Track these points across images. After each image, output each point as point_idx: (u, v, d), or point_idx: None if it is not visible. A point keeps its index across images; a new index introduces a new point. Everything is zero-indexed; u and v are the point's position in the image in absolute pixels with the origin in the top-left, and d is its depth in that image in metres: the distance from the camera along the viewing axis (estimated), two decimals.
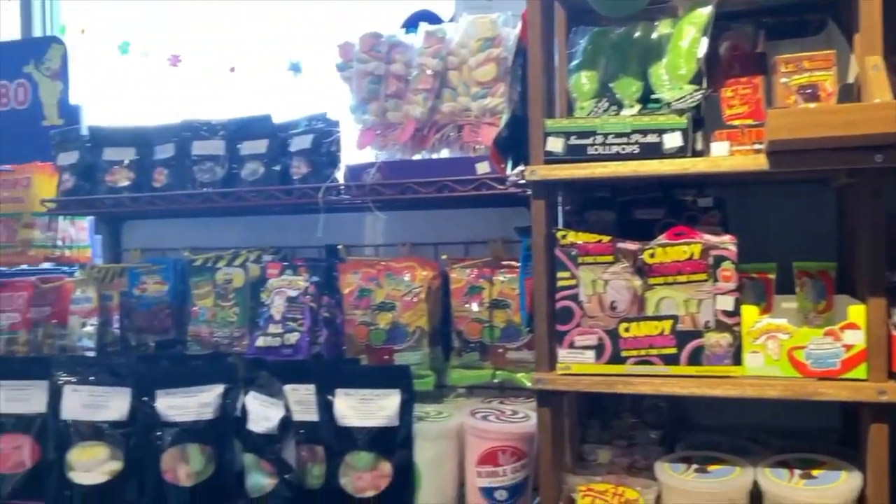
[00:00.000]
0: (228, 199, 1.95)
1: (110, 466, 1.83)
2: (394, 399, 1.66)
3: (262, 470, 1.69)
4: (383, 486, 1.65)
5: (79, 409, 1.84)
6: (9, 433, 1.90)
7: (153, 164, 2.07)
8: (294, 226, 2.15)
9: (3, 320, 2.20)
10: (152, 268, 2.12)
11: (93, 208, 2.14)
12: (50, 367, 1.90)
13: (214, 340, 1.99)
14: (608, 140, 1.38)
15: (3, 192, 2.24)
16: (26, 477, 1.89)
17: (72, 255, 2.36)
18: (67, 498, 1.81)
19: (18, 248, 2.22)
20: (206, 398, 1.81)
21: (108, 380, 1.86)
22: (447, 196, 1.77)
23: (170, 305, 2.09)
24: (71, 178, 2.14)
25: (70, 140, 2.16)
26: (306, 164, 1.90)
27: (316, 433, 1.71)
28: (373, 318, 1.84)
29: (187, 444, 1.78)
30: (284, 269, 1.94)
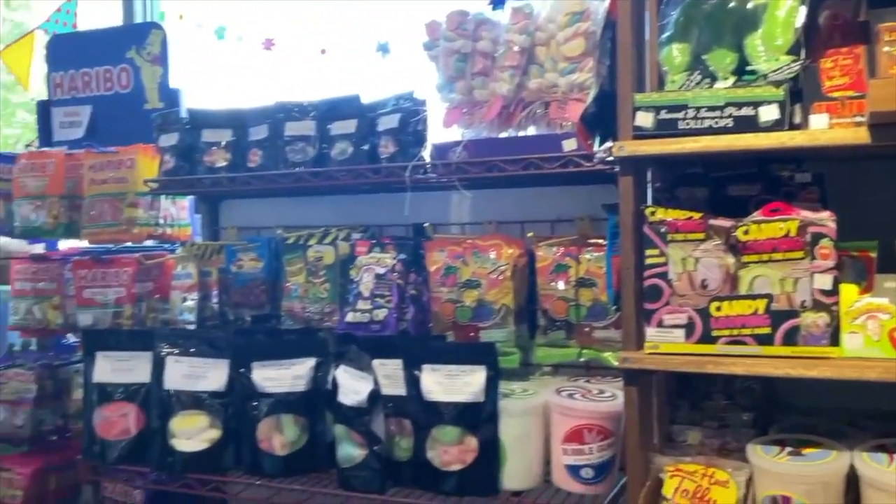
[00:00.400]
0: (319, 178, 1.99)
1: (209, 434, 1.92)
2: (479, 375, 1.68)
3: (353, 441, 1.74)
4: (469, 461, 1.67)
5: (180, 379, 1.94)
6: (115, 402, 2.01)
7: (248, 144, 2.13)
8: (382, 204, 2.18)
9: (110, 295, 2.32)
10: (248, 245, 2.19)
11: (192, 188, 2.23)
12: (153, 339, 2.00)
13: (306, 315, 2.05)
14: (700, 114, 1.35)
15: (108, 172, 2.35)
16: (132, 443, 1.99)
17: (173, 232, 2.46)
18: (170, 464, 1.91)
19: (123, 227, 2.32)
20: (299, 371, 1.87)
21: (208, 352, 1.95)
22: (533, 174, 1.76)
23: (264, 281, 2.15)
24: (171, 159, 2.22)
25: (170, 122, 2.25)
26: (394, 143, 1.93)
27: (403, 407, 1.74)
28: (459, 295, 1.86)
29: (281, 415, 1.85)
30: (373, 246, 1.98)
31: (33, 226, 2.45)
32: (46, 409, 2.49)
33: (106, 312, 2.32)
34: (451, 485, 1.67)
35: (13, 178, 2.48)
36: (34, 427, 2.46)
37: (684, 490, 1.38)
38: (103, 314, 2.32)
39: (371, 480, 1.72)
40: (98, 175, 2.37)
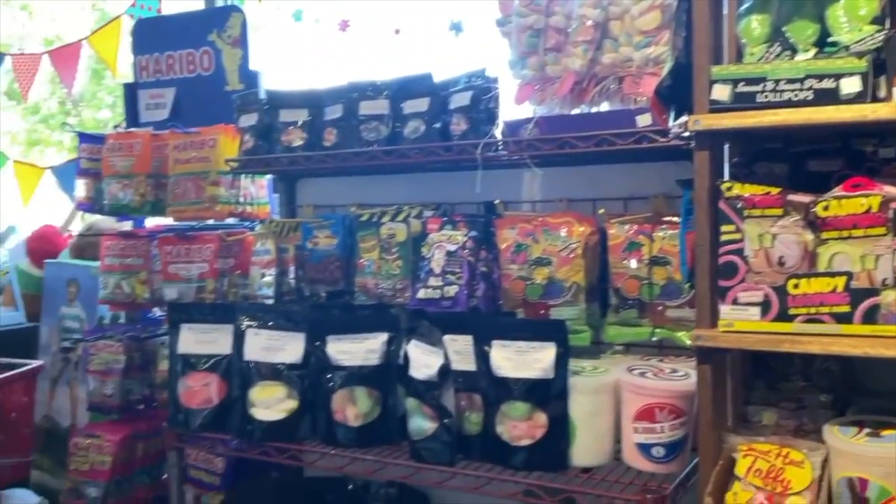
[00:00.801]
0: (391, 156, 2.02)
1: (287, 405, 1.98)
2: (549, 352, 1.68)
3: (424, 414, 1.77)
4: (539, 436, 1.68)
5: (259, 351, 2.00)
6: (199, 372, 2.09)
7: (323, 124, 2.17)
8: (453, 182, 2.19)
9: (194, 270, 2.41)
10: (323, 223, 2.24)
11: (270, 167, 2.29)
12: (234, 312, 2.07)
13: (379, 291, 2.08)
14: (779, 86, 1.32)
15: (191, 152, 2.43)
16: (214, 412, 2.07)
17: (253, 210, 2.54)
18: (249, 432, 1.98)
19: (206, 204, 2.40)
20: (371, 345, 1.91)
21: (285, 325, 2.01)
22: (606, 150, 1.75)
23: (339, 258, 2.20)
24: (251, 139, 2.29)
25: (250, 103, 2.31)
26: (465, 120, 1.93)
27: (473, 382, 1.76)
28: (529, 272, 1.86)
29: (355, 387, 1.90)
30: (444, 224, 2.00)
31: (121, 203, 2.56)
32: (134, 379, 2.61)
33: (190, 287, 2.41)
34: (521, 459, 1.69)
35: (102, 158, 2.59)
36: (123, 396, 2.58)
37: (757, 470, 1.36)
38: (187, 288, 2.41)
39: (441, 453, 1.75)
40: (182, 155, 2.46)
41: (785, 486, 1.33)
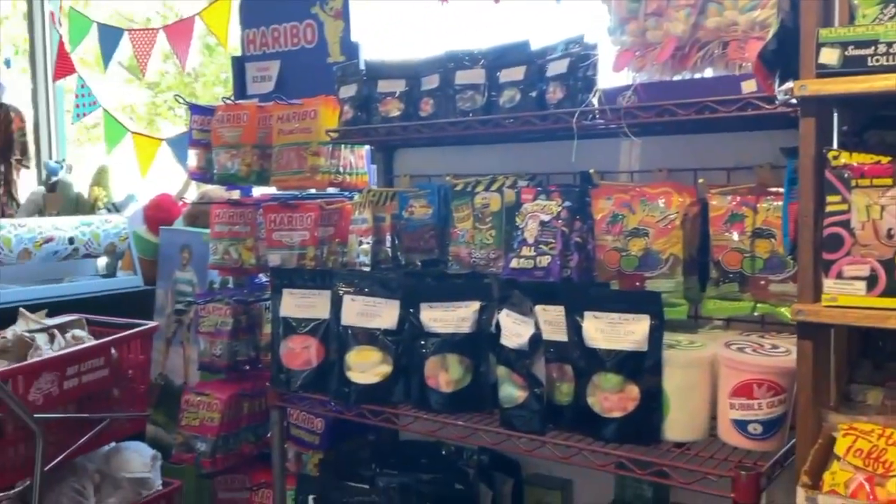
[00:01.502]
0: (487, 125, 2.02)
1: (381, 369, 2.02)
2: (643, 324, 1.66)
3: (514, 382, 1.78)
4: (630, 409, 1.66)
5: (355, 316, 2.06)
6: (299, 335, 2.16)
7: (420, 94, 2.19)
8: (548, 152, 2.18)
9: (296, 237, 2.49)
10: (419, 192, 2.27)
11: (368, 137, 2.33)
12: (332, 278, 2.13)
13: (472, 261, 2.10)
14: (892, 49, 1.24)
15: (294, 123, 2.51)
16: (313, 373, 2.14)
17: (352, 180, 2.59)
18: (346, 394, 2.04)
19: (307, 174, 2.48)
20: (464, 313, 1.93)
21: (381, 292, 2.05)
22: (708, 118, 1.69)
23: (433, 227, 2.23)
24: (350, 110, 2.33)
25: (350, 74, 2.36)
26: (562, 88, 1.91)
27: (564, 352, 1.76)
28: (625, 243, 1.83)
29: (447, 354, 1.92)
30: (538, 194, 1.99)
31: (229, 173, 2.66)
32: (241, 341, 2.73)
33: (292, 253, 2.49)
34: (612, 431, 1.67)
35: (212, 129, 2.70)
36: (230, 357, 2.70)
37: (858, 450, 1.31)
38: (289, 255, 2.49)
39: (531, 421, 1.75)
40: (285, 126, 2.54)
41: (887, 467, 1.27)
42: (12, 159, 5.24)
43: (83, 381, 2.61)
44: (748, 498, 1.49)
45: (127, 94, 7.28)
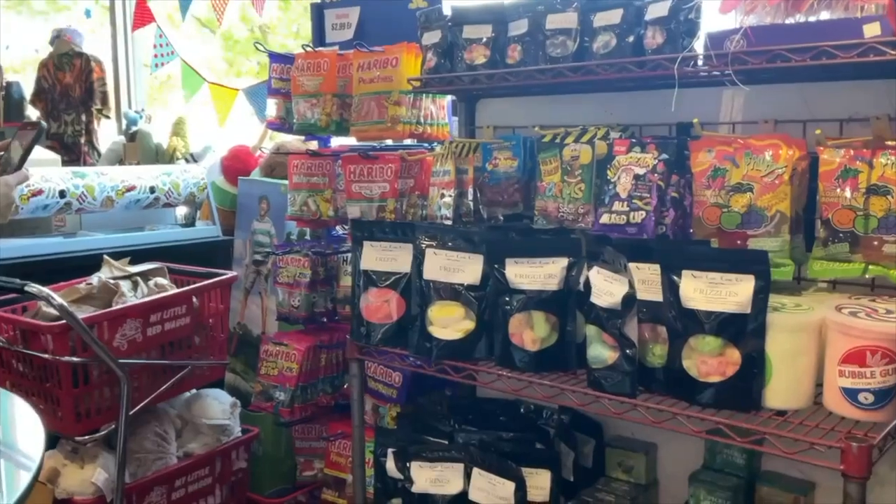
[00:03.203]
0: (579, 73, 1.92)
1: (464, 325, 1.98)
2: (747, 285, 1.56)
3: (604, 342, 1.71)
4: (730, 374, 1.58)
5: (438, 270, 2.01)
6: (380, 288, 2.13)
7: (507, 40, 2.10)
8: (644, 102, 2.07)
9: (375, 189, 2.44)
10: (504, 144, 2.19)
11: (451, 85, 2.25)
12: (414, 231, 2.08)
13: (560, 215, 2.02)
14: None
15: (375, 71, 2.44)
16: (393, 327, 2.11)
17: (432, 131, 2.53)
18: (427, 349, 2.00)
19: (388, 124, 2.42)
20: (551, 269, 1.86)
21: (464, 246, 1.99)
22: (824, 64, 1.56)
23: (518, 180, 2.15)
24: (433, 58, 2.25)
25: (433, 20, 2.27)
26: (661, 33, 1.79)
27: (659, 313, 1.68)
28: (726, 199, 1.73)
29: (532, 311, 1.86)
30: (632, 146, 1.89)
31: (308, 123, 2.63)
32: (318, 292, 2.72)
33: (371, 206, 2.45)
34: (709, 396, 1.59)
35: (292, 77, 2.66)
36: (308, 308, 2.70)
37: None
38: (369, 207, 2.45)
39: (621, 383, 1.68)
40: (366, 74, 2.48)
41: None
42: (93, 108, 5.35)
43: (165, 328, 2.65)
44: (859, 471, 1.40)
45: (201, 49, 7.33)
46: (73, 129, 5.40)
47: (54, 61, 5.50)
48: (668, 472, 2.22)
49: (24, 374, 2.53)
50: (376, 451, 2.28)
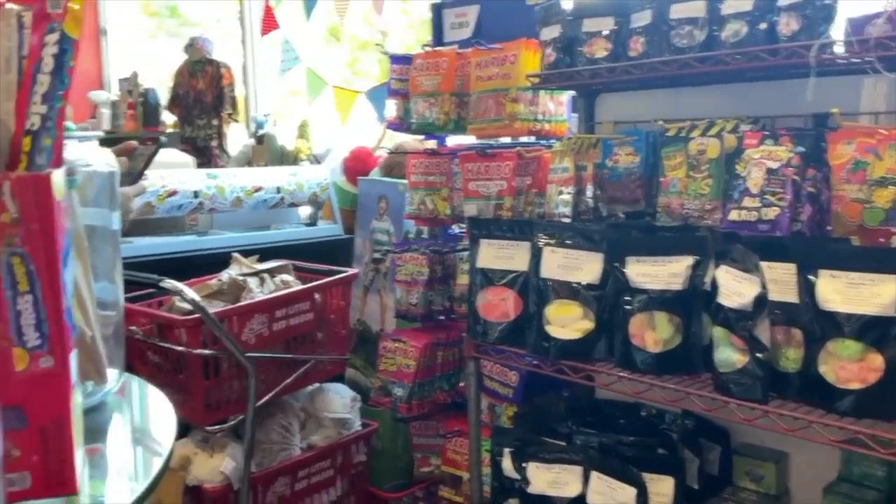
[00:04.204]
0: (706, 63, 1.84)
1: (583, 325, 1.94)
2: (891, 286, 1.45)
3: (733, 345, 1.63)
4: (871, 380, 1.47)
5: (556, 269, 1.98)
6: (497, 286, 2.12)
7: (630, 32, 2.04)
8: (776, 92, 1.96)
9: (492, 187, 2.43)
10: (625, 139, 2.13)
11: (571, 80, 2.21)
12: (532, 229, 2.06)
13: (685, 212, 1.94)
14: None
15: (493, 68, 2.43)
16: (510, 326, 2.09)
17: (551, 128, 2.49)
18: (545, 349, 1.98)
19: (506, 121, 2.40)
20: (674, 269, 1.80)
21: (583, 244, 1.95)
22: None
23: (640, 176, 2.08)
24: (552, 53, 2.22)
25: (552, 14, 2.24)
26: (797, 19, 1.69)
27: (793, 315, 1.58)
28: (868, 194, 1.61)
29: (655, 312, 1.80)
30: (764, 138, 1.79)
31: (427, 122, 2.65)
32: (436, 290, 2.74)
33: (488, 204, 2.44)
34: (848, 404, 1.49)
35: (410, 77, 2.69)
36: (425, 306, 2.72)
37: None
38: (486, 205, 2.44)
39: (752, 389, 1.60)
40: (483, 72, 2.47)
41: None
42: (223, 113, 5.61)
43: (290, 323, 2.73)
44: None
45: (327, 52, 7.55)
46: (205, 133, 5.68)
47: (188, 68, 5.80)
48: (801, 482, 2.10)
49: (159, 365, 2.67)
50: (493, 451, 2.27)
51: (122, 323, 0.94)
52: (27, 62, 0.61)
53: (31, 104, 0.61)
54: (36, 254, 0.58)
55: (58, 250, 0.60)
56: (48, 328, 0.60)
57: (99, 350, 0.86)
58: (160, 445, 0.79)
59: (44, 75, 0.61)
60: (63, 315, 0.61)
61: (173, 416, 0.85)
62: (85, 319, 0.85)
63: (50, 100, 0.61)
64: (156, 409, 0.90)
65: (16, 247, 0.58)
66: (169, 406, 0.88)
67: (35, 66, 0.61)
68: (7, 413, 0.59)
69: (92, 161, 0.88)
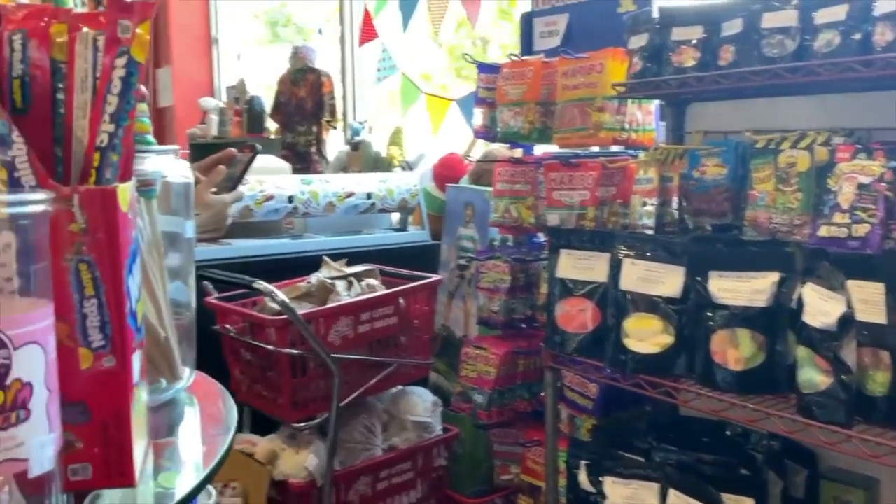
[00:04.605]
0: (797, 74, 1.78)
1: (662, 339, 1.91)
2: None
3: (817, 366, 1.57)
4: None
5: (635, 281, 1.95)
6: (575, 297, 2.11)
7: (720, 41, 1.99)
8: (871, 104, 1.88)
9: (575, 197, 2.42)
10: (712, 150, 2.08)
11: (658, 90, 2.17)
12: (612, 240, 2.04)
13: (772, 226, 1.88)
14: None
15: (579, 77, 2.42)
16: (588, 337, 2.08)
17: (637, 137, 2.46)
18: (622, 362, 1.95)
19: (590, 131, 2.38)
20: (759, 285, 1.75)
21: (664, 257, 1.92)
22: None
23: (727, 189, 2.02)
24: (639, 62, 2.19)
25: (640, 23, 2.21)
26: (892, 29, 1.61)
27: (882, 337, 1.51)
28: None
29: (738, 329, 1.76)
30: (857, 152, 1.71)
31: (512, 131, 2.66)
32: (518, 299, 2.74)
33: (571, 213, 2.42)
34: None
35: (497, 87, 2.70)
36: (507, 314, 2.73)
37: None
38: (568, 215, 2.42)
39: (835, 412, 1.54)
40: (570, 81, 2.46)
41: None
42: (322, 120, 5.78)
43: (375, 326, 2.79)
44: None
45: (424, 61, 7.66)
46: (305, 140, 5.87)
47: (291, 77, 6.01)
48: None
49: (251, 362, 2.78)
50: (569, 462, 2.25)
51: (194, 323, 0.99)
52: (100, 83, 0.67)
53: (101, 122, 0.66)
54: (101, 261, 0.63)
55: (122, 258, 0.65)
56: (111, 330, 0.65)
57: (172, 349, 0.92)
58: (222, 437, 0.83)
59: (112, 96, 0.66)
60: (126, 319, 0.65)
61: (234, 410, 0.90)
62: (159, 320, 0.90)
63: (117, 119, 0.66)
64: (221, 403, 0.95)
65: (83, 254, 0.63)
66: (231, 401, 0.93)
67: (106, 86, 0.66)
68: (72, 408, 0.64)
69: (168, 173, 0.93)
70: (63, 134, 0.67)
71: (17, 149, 0.61)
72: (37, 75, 0.67)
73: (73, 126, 0.67)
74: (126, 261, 0.65)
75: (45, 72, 0.67)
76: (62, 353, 0.61)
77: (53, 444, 0.57)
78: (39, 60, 0.67)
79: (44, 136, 0.67)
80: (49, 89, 0.67)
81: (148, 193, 0.90)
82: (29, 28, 0.67)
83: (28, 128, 0.65)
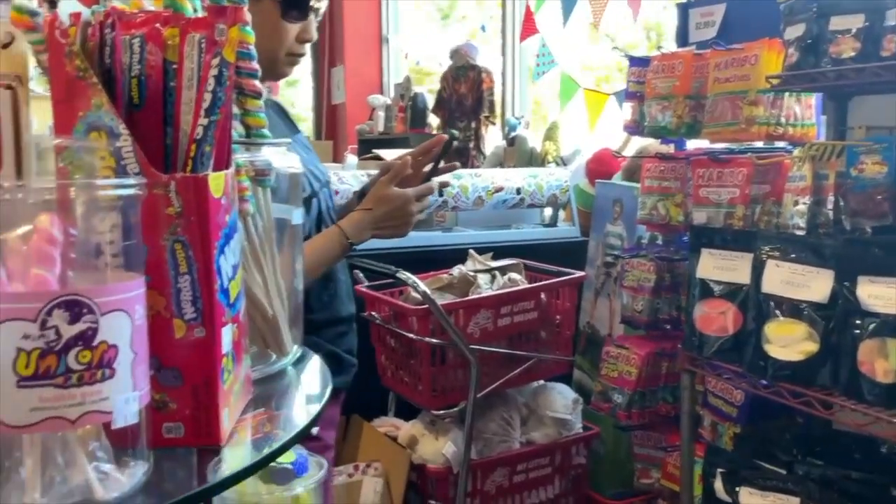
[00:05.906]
0: None
1: (805, 346, 1.80)
2: None
3: None
4: None
5: (779, 284, 1.85)
6: (715, 298, 2.03)
7: (883, 30, 1.85)
8: None
9: (724, 195, 2.32)
10: (872, 146, 1.93)
11: (814, 82, 2.04)
12: (756, 240, 1.94)
13: None
14: None
15: (731, 70, 2.31)
16: (729, 341, 2.00)
17: (794, 132, 2.32)
18: (761, 368, 1.86)
19: (742, 126, 2.27)
20: None
21: (811, 259, 1.82)
22: None
23: (888, 188, 1.87)
24: (795, 53, 2.07)
25: (797, 12, 2.08)
26: None
27: None
28: None
29: (888, 338, 1.63)
30: None
31: (659, 125, 2.58)
32: (663, 298, 2.66)
33: (719, 211, 2.32)
34: None
35: (646, 80, 2.64)
36: (651, 313, 2.66)
37: None
38: (716, 213, 2.33)
39: None
40: (722, 73, 2.36)
41: None
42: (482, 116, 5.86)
43: (514, 320, 2.82)
44: None
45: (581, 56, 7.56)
46: (465, 135, 5.97)
47: (452, 74, 6.13)
48: None
49: (394, 349, 2.89)
50: (705, 470, 2.17)
51: (300, 303, 1.06)
52: (200, 81, 0.74)
53: (199, 116, 0.73)
54: (193, 241, 0.71)
55: (213, 240, 0.72)
56: (202, 304, 0.72)
57: (279, 326, 1.00)
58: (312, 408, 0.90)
59: (207, 93, 0.73)
60: (215, 295, 0.73)
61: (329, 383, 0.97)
62: (268, 299, 0.98)
63: (210, 114, 0.74)
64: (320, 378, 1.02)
65: (178, 235, 0.71)
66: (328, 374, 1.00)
67: (204, 84, 0.74)
68: (167, 372, 0.72)
69: (278, 164, 1.01)
70: (172, 127, 0.75)
71: (123, 140, 0.70)
72: (151, 74, 0.76)
73: (181, 120, 0.75)
74: (217, 242, 0.72)
75: (159, 71, 0.76)
76: (159, 323, 0.69)
77: (138, 401, 0.65)
78: (154, 61, 0.76)
79: (155, 128, 0.76)
80: (161, 87, 0.76)
81: (263, 182, 0.98)
82: (146, 32, 0.76)
83: (142, 121, 0.74)
